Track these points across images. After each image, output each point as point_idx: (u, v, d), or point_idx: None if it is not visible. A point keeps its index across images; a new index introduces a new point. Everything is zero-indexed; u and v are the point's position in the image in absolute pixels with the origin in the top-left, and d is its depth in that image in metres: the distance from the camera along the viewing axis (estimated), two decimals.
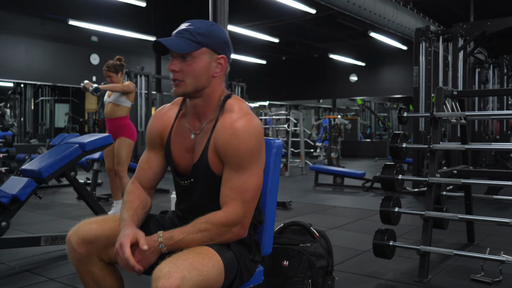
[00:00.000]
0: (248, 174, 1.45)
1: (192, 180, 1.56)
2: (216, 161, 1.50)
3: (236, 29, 11.03)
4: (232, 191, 1.45)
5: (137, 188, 1.63)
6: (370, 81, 15.80)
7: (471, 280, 2.82)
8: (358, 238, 3.95)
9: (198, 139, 1.55)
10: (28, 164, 3.29)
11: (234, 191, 1.44)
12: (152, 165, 1.65)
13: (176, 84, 1.49)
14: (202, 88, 1.51)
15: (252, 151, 1.45)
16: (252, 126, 1.46)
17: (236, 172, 1.45)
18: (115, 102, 4.62)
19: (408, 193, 6.39)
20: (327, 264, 2.27)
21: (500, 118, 6.98)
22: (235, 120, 1.46)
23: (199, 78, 1.49)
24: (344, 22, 11.73)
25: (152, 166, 1.65)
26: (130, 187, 1.64)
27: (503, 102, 8.33)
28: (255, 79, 16.16)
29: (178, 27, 1.52)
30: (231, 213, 1.43)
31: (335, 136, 10.24)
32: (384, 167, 3.06)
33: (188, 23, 1.50)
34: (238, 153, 1.44)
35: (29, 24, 11.09)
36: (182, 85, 1.49)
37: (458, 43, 6.51)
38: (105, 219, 1.55)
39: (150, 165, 1.66)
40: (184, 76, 1.48)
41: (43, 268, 3.06)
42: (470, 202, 3.58)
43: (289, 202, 5.45)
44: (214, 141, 1.49)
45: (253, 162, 1.46)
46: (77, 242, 1.48)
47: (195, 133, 1.56)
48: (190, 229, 1.41)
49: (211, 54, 1.50)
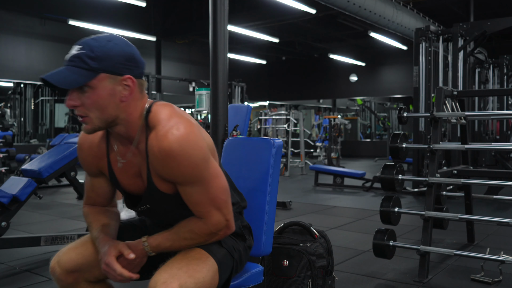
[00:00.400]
0: (206, 183, 1.32)
1: (148, 206, 1.44)
2: (165, 184, 1.35)
3: (236, 29, 11.03)
4: (201, 206, 1.34)
5: (92, 209, 1.53)
6: (370, 81, 15.80)
7: (471, 280, 2.82)
8: (358, 238, 3.95)
9: (139, 163, 1.39)
10: (28, 164, 3.29)
11: (203, 205, 1.34)
12: (99, 192, 1.53)
13: (83, 121, 1.30)
14: (114, 118, 1.30)
15: (196, 163, 1.29)
16: (184, 136, 1.27)
17: (192, 187, 1.32)
18: None
19: (408, 193, 6.39)
20: (327, 264, 2.27)
21: (500, 118, 6.98)
22: (162, 140, 1.26)
23: (105, 110, 1.28)
24: (344, 22, 11.72)
25: (100, 193, 1.53)
26: (85, 211, 1.54)
27: (503, 102, 8.33)
28: (255, 79, 16.15)
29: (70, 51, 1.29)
30: (212, 223, 1.35)
31: (335, 136, 10.23)
32: (384, 167, 3.06)
33: (79, 45, 1.26)
34: (182, 173, 1.29)
35: (29, 24, 11.09)
36: (89, 121, 1.29)
37: (458, 43, 6.51)
38: (83, 243, 1.48)
39: (97, 192, 1.53)
40: (87, 111, 1.27)
41: (43, 268, 3.05)
42: (470, 202, 3.58)
43: (289, 202, 5.45)
44: (153, 167, 1.33)
45: (204, 170, 1.32)
46: (61, 274, 1.43)
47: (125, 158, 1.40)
48: (174, 236, 1.36)
49: (113, 78, 1.26)
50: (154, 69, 13.66)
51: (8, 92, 13.44)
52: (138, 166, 1.39)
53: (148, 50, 13.31)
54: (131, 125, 1.34)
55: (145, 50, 13.20)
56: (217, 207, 1.35)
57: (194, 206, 1.35)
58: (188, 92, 11.52)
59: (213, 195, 1.34)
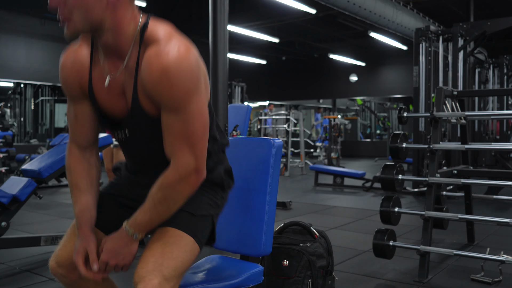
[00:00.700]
0: (189, 115, 1.25)
1: (127, 134, 1.36)
2: (151, 105, 1.27)
3: (236, 29, 11.03)
4: (175, 138, 1.25)
5: (77, 161, 1.45)
6: (370, 81, 15.80)
7: (471, 280, 2.82)
8: (358, 238, 3.95)
9: (125, 81, 1.30)
10: (28, 164, 3.29)
11: (178, 138, 1.25)
12: (82, 120, 1.43)
13: (64, 24, 1.21)
14: (99, 22, 1.22)
15: (189, 88, 1.22)
16: (184, 58, 1.21)
17: (175, 114, 1.24)
18: None
19: (408, 193, 6.39)
20: (327, 264, 2.27)
21: (500, 118, 6.99)
22: (163, 55, 1.19)
23: (90, 11, 1.19)
24: (344, 22, 11.73)
25: (83, 122, 1.43)
26: (69, 162, 1.46)
27: (503, 102, 8.33)
28: (255, 79, 16.16)
29: None
30: (181, 166, 1.26)
31: (335, 136, 10.24)
32: (384, 167, 3.06)
33: None
34: (172, 96, 1.21)
35: (29, 24, 11.09)
36: (70, 24, 1.20)
37: (458, 43, 6.52)
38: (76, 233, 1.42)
39: (81, 122, 1.43)
40: (70, 12, 1.19)
41: (43, 268, 3.05)
42: (470, 202, 3.58)
43: (289, 202, 5.45)
44: (141, 83, 1.25)
45: (192, 100, 1.24)
46: (63, 272, 1.41)
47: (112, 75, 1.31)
48: (150, 205, 1.29)
49: None
50: None
51: (8, 92, 13.44)
52: (122, 84, 1.31)
53: None
54: (120, 35, 1.25)
55: None
56: (190, 145, 1.26)
57: (169, 137, 1.26)
58: None
59: (191, 131, 1.26)
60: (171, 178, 1.27)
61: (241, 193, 1.79)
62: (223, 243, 1.83)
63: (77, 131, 1.45)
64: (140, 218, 1.30)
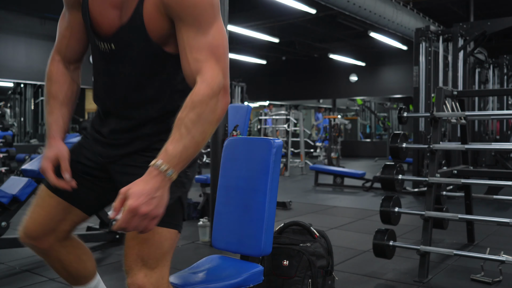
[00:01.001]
0: (214, 28, 1.18)
1: (117, 46, 1.24)
2: (157, 21, 1.19)
3: (236, 29, 11.03)
4: (202, 52, 1.16)
5: (60, 73, 1.38)
6: (370, 81, 15.80)
7: (471, 280, 2.82)
8: (358, 238, 3.95)
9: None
10: (28, 164, 3.29)
11: (205, 52, 1.16)
12: (74, 30, 1.34)
13: None
14: None
15: (214, 2, 1.18)
16: None
17: (198, 29, 1.16)
18: None
19: (408, 193, 6.39)
20: (327, 264, 2.27)
21: (500, 118, 6.99)
22: None
23: None
24: (344, 22, 11.72)
25: (74, 32, 1.34)
26: (51, 69, 1.38)
27: (503, 102, 8.33)
28: (255, 79, 16.16)
29: None
30: (212, 79, 1.16)
31: (335, 136, 10.24)
32: (384, 167, 3.06)
33: None
34: (197, 5, 1.15)
35: (29, 24, 11.09)
36: None
37: (458, 43, 6.52)
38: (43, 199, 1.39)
39: (72, 31, 1.35)
40: None
41: (43, 268, 3.05)
42: (470, 202, 3.58)
43: (289, 202, 5.45)
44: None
45: (216, 12, 1.19)
46: (33, 242, 1.39)
47: None
48: (182, 131, 1.11)
49: None
50: None
51: (8, 92, 13.44)
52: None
53: None
54: None
55: None
56: (217, 58, 1.18)
57: (194, 53, 1.17)
58: None
59: (218, 42, 1.18)
60: (203, 93, 1.14)
61: (241, 193, 1.79)
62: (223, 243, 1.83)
63: (65, 42, 1.38)
64: (172, 149, 1.10)
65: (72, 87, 1.41)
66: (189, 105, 1.13)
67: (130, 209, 1.02)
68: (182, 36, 1.17)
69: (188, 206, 4.69)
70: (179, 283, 1.59)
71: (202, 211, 4.68)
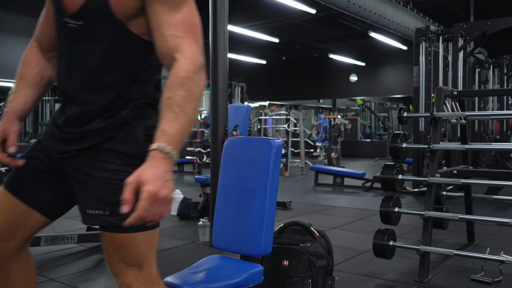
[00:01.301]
0: (186, 6, 1.16)
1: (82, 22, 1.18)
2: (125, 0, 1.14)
3: (236, 29, 11.03)
4: (178, 29, 1.14)
5: (34, 57, 1.36)
6: (370, 81, 15.80)
7: (471, 280, 2.82)
8: (358, 238, 3.95)
9: None
10: None
11: (181, 28, 1.14)
12: (49, 17, 1.32)
13: None
14: None
15: None
16: None
17: (172, 5, 1.14)
18: None
19: (408, 193, 6.39)
20: (327, 264, 2.27)
21: (500, 118, 6.98)
22: None
23: None
24: (344, 22, 11.72)
25: (49, 19, 1.32)
26: (25, 54, 1.37)
27: (503, 102, 8.33)
28: (255, 79, 16.16)
29: None
30: (193, 54, 1.14)
31: (335, 136, 10.24)
32: (384, 167, 3.06)
33: None
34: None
35: (29, 24, 11.06)
36: None
37: (458, 43, 6.52)
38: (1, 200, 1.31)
39: (47, 18, 1.33)
40: None
41: (43, 268, 3.05)
42: (470, 202, 3.58)
43: (289, 202, 5.45)
44: None
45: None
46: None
47: None
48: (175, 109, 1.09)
49: None
50: None
51: (8, 92, 13.42)
52: None
53: None
54: None
55: None
56: (194, 36, 1.16)
57: (170, 29, 1.14)
58: None
59: (192, 20, 1.17)
60: (187, 68, 1.12)
61: (241, 193, 1.79)
62: (223, 243, 1.83)
63: (41, 28, 1.36)
64: (170, 129, 1.07)
65: (43, 72, 1.37)
66: (177, 82, 1.10)
67: (151, 194, 0.98)
68: (156, 12, 1.14)
69: (188, 206, 4.69)
70: (179, 283, 1.59)
71: (202, 211, 4.68)
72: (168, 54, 1.15)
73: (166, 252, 3.41)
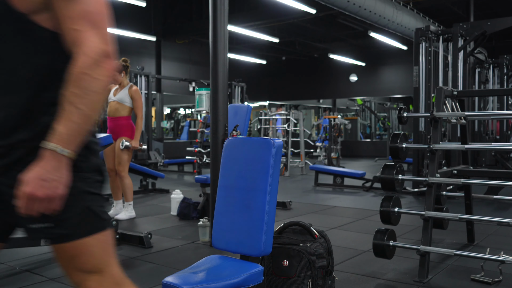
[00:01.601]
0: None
1: None
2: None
3: (236, 29, 11.03)
4: (77, 22, 1.09)
5: None
6: (370, 81, 15.81)
7: (471, 280, 2.82)
8: (358, 238, 3.95)
9: None
10: None
11: (80, 21, 1.10)
12: None
13: None
14: None
15: None
16: None
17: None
18: (120, 101, 4.65)
19: (408, 193, 6.39)
20: (327, 264, 2.27)
21: (500, 118, 6.99)
22: None
23: None
24: (344, 22, 11.73)
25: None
26: None
27: (503, 102, 8.33)
28: (255, 79, 16.16)
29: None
30: (90, 49, 1.09)
31: (335, 136, 10.24)
32: (384, 167, 3.06)
33: None
34: None
35: None
36: None
37: (458, 43, 6.52)
38: None
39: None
40: None
41: (43, 268, 3.06)
42: (470, 202, 3.58)
43: (289, 202, 5.45)
44: None
45: None
46: None
47: None
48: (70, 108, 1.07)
49: None
50: (154, 69, 13.66)
51: None
52: None
53: (148, 50, 13.32)
54: None
55: (145, 50, 13.21)
56: (94, 24, 1.11)
57: (66, 23, 1.10)
58: (188, 92, 11.52)
59: (92, 8, 1.11)
60: (81, 64, 1.09)
61: (241, 193, 1.79)
62: (223, 243, 1.83)
63: None
64: (62, 128, 1.07)
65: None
66: (71, 80, 1.09)
67: (25, 195, 1.02)
68: (58, 5, 1.10)
69: (188, 206, 4.69)
70: (179, 283, 1.59)
71: (202, 211, 4.68)
72: (71, 49, 1.12)
73: (166, 252, 3.41)
